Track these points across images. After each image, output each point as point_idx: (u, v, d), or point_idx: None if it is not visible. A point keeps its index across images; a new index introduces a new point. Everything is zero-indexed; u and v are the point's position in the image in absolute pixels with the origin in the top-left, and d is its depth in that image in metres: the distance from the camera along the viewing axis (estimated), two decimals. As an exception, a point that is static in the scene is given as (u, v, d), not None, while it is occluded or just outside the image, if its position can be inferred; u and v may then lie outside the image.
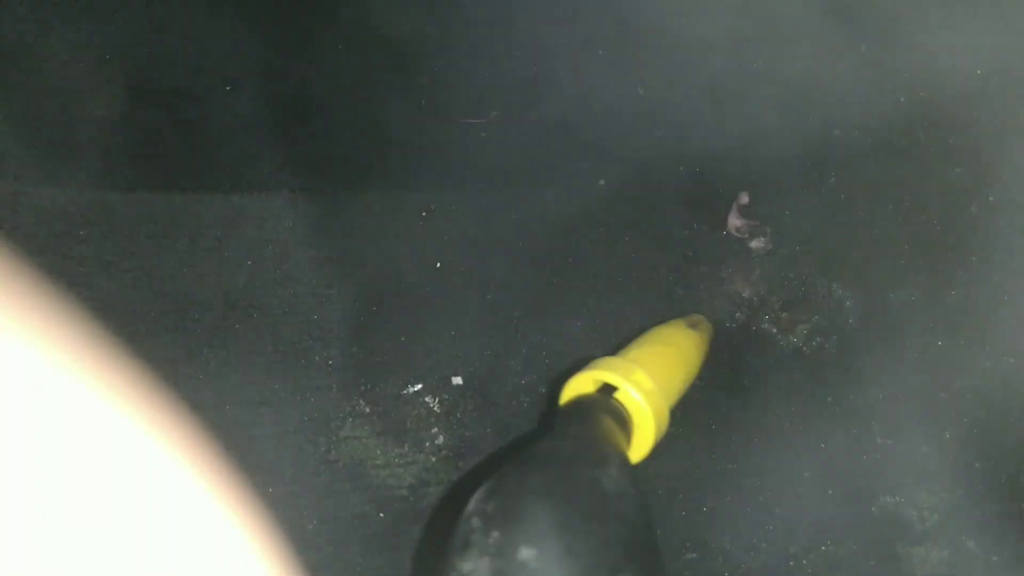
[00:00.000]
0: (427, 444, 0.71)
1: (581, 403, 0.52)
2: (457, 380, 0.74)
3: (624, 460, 0.44)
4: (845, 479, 0.71)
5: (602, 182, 0.95)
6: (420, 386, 0.73)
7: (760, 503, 0.70)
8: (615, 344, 0.78)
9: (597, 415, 0.49)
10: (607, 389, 0.54)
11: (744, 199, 0.88)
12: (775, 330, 0.81)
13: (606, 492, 0.38)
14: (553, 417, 0.54)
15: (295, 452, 0.68)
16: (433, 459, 0.70)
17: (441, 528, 0.67)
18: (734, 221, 0.87)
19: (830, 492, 0.70)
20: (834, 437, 0.73)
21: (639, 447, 0.53)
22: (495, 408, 0.73)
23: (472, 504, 0.36)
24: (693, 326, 0.69)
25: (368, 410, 0.71)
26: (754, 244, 0.86)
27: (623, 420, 0.52)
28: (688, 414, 0.75)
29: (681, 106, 0.99)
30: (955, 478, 0.67)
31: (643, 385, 0.53)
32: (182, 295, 0.75)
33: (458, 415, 0.72)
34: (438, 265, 0.81)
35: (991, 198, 0.62)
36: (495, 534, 0.34)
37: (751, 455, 0.73)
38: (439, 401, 0.73)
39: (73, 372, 0.20)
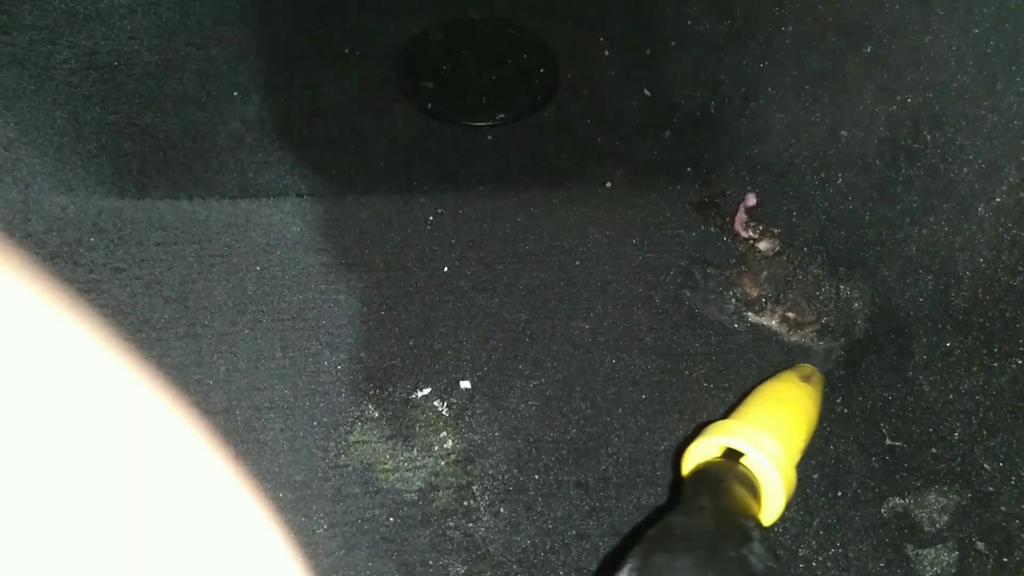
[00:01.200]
0: (436, 448, 0.71)
1: (709, 471, 0.52)
2: (465, 384, 0.74)
3: (765, 534, 0.44)
4: (854, 481, 0.71)
5: (609, 184, 0.95)
6: (428, 390, 0.74)
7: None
8: (626, 350, 0.78)
9: (728, 484, 0.49)
10: (731, 454, 0.53)
11: (751, 201, 0.88)
12: (783, 331, 0.81)
13: (754, 572, 0.38)
14: (682, 486, 0.53)
15: (305, 457, 0.68)
16: (442, 463, 0.70)
17: None
18: (741, 223, 0.87)
19: (839, 494, 0.70)
20: (842, 438, 0.73)
21: (769, 511, 0.53)
22: (503, 412, 0.73)
23: None
24: (806, 379, 0.69)
25: (377, 414, 0.72)
26: (762, 245, 0.86)
27: (753, 487, 0.51)
28: (697, 416, 0.75)
29: (688, 107, 1.00)
30: (964, 479, 0.67)
31: (769, 449, 0.53)
32: (192, 301, 0.75)
33: (466, 419, 0.73)
34: (445, 269, 0.82)
35: (997, 199, 0.62)
36: None
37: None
38: (447, 405, 0.73)
39: (83, 378, 0.21)
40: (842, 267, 0.81)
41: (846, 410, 0.75)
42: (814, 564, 0.67)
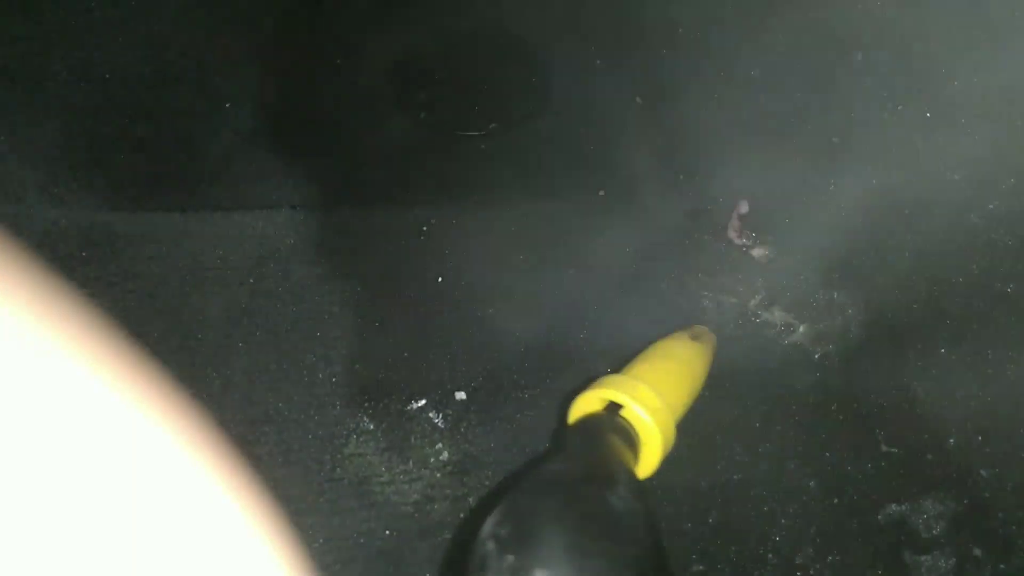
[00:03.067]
0: (431, 460, 0.71)
1: (588, 423, 0.53)
2: (460, 395, 0.74)
3: (632, 478, 0.45)
4: (850, 488, 0.71)
5: (602, 193, 0.95)
6: (424, 402, 0.74)
7: (766, 514, 0.70)
8: (620, 358, 0.78)
9: (604, 434, 0.50)
10: (614, 407, 0.54)
11: (744, 208, 0.88)
12: (778, 339, 0.81)
13: (615, 512, 0.39)
14: (563, 436, 0.54)
15: (300, 470, 0.68)
16: (438, 475, 0.70)
17: (453, 543, 0.67)
18: (735, 230, 0.88)
19: (836, 501, 0.70)
20: (839, 445, 0.73)
21: (647, 463, 0.54)
22: (499, 423, 0.73)
23: (487, 527, 0.37)
24: (696, 338, 0.69)
25: (372, 427, 0.72)
26: (755, 253, 0.86)
27: (630, 438, 0.52)
28: (691, 425, 0.75)
29: (680, 115, 1.00)
30: (961, 486, 0.67)
31: (649, 402, 0.53)
32: (186, 314, 0.75)
33: (462, 430, 0.73)
34: (439, 280, 0.82)
35: (991, 206, 0.62)
36: (509, 558, 0.35)
37: (756, 465, 0.73)
38: (443, 417, 0.73)
39: (77, 393, 0.21)
40: (836, 274, 0.81)
41: (842, 417, 0.75)
42: (812, 572, 0.67)
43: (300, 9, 1.06)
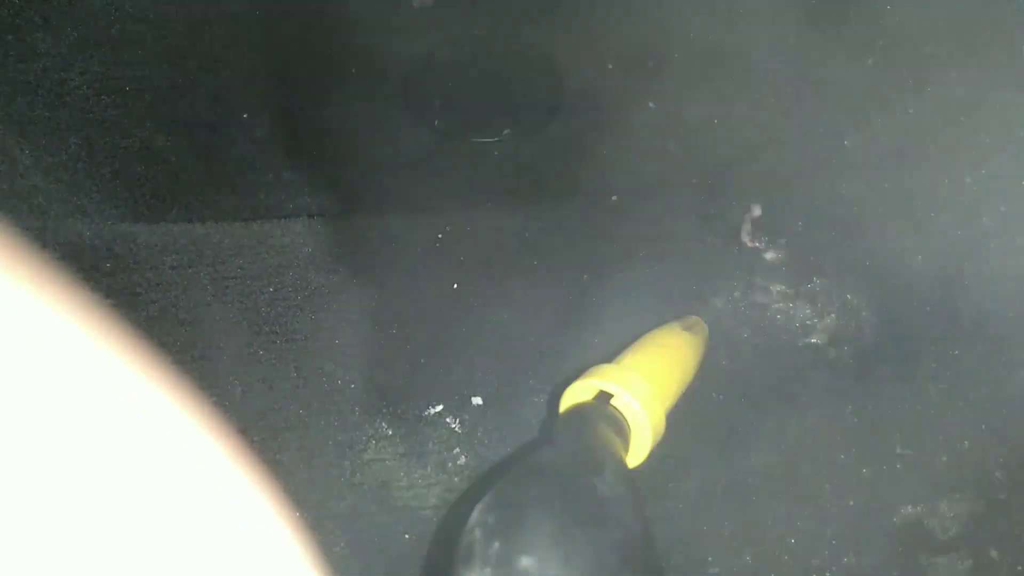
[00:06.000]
0: (449, 465, 0.72)
1: (578, 412, 0.54)
2: (477, 400, 0.75)
3: (620, 465, 0.45)
4: (866, 490, 0.71)
5: (615, 197, 0.96)
6: (441, 407, 0.75)
7: (781, 516, 0.71)
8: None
9: (594, 423, 0.51)
10: (604, 396, 0.55)
11: (757, 211, 0.88)
12: (792, 341, 0.81)
13: (602, 498, 0.39)
14: (553, 425, 0.55)
15: (321, 476, 0.69)
16: (456, 479, 0.71)
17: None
18: (747, 233, 0.88)
19: (851, 503, 0.71)
20: (853, 448, 0.74)
21: (637, 452, 0.55)
22: (516, 427, 0.74)
23: (474, 516, 0.38)
24: (688, 328, 0.70)
25: (391, 432, 0.73)
26: (768, 256, 0.87)
27: (620, 426, 0.53)
28: (705, 428, 0.75)
29: (692, 119, 1.00)
30: (976, 487, 0.67)
31: (638, 391, 0.54)
32: (207, 323, 0.76)
33: (479, 435, 0.73)
34: (455, 286, 0.83)
35: (1002, 208, 0.63)
36: (496, 545, 0.36)
37: (771, 468, 0.74)
38: (460, 422, 0.74)
39: (104, 402, 0.21)
40: (849, 276, 0.81)
41: (856, 419, 0.75)
42: (827, 574, 0.67)
43: (315, 19, 1.08)
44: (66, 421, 0.20)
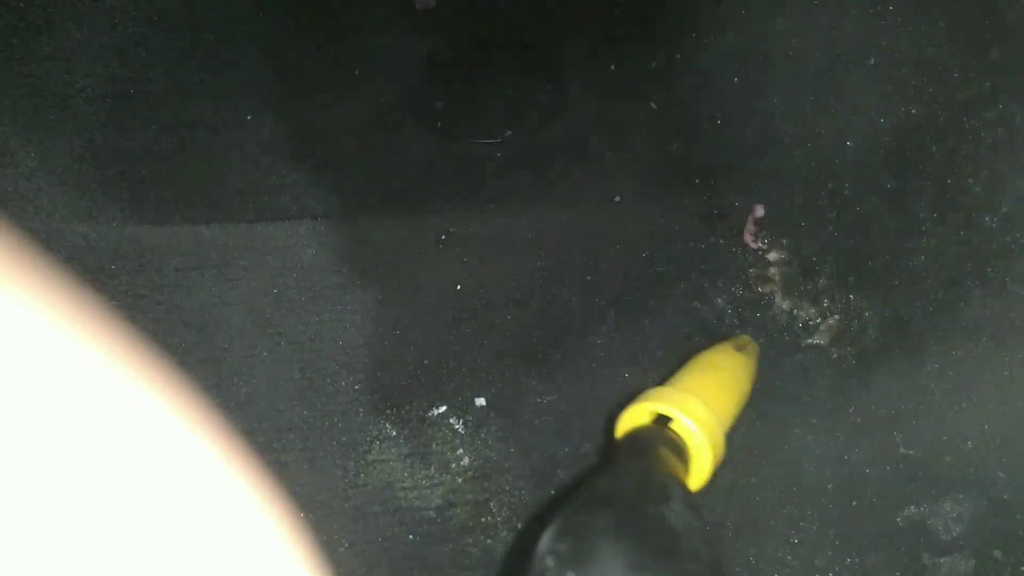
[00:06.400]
0: (453, 465, 0.72)
1: (638, 436, 0.53)
2: (480, 401, 0.75)
3: (686, 493, 0.45)
4: (869, 490, 0.71)
5: (618, 199, 0.96)
6: (444, 408, 0.75)
7: (785, 516, 0.71)
8: (639, 364, 0.78)
9: (655, 447, 0.50)
10: (662, 419, 0.54)
11: (759, 212, 0.89)
12: (795, 341, 0.81)
13: (673, 528, 0.39)
14: (612, 450, 0.54)
15: (325, 477, 0.69)
16: (459, 480, 0.71)
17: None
18: (750, 234, 0.88)
19: (854, 504, 0.71)
20: (857, 448, 0.74)
21: (697, 475, 0.54)
22: (518, 428, 0.74)
23: (544, 543, 0.37)
24: (740, 348, 0.69)
25: (394, 433, 0.73)
26: (771, 256, 0.87)
27: (680, 450, 0.52)
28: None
29: (694, 120, 1.00)
30: (979, 488, 0.67)
31: (698, 414, 0.53)
32: (211, 325, 0.77)
33: (482, 436, 0.74)
34: (458, 287, 0.83)
35: (1004, 209, 0.63)
36: (570, 574, 0.35)
37: (774, 468, 0.74)
38: (463, 422, 0.74)
39: (107, 404, 0.21)
40: (852, 276, 0.82)
41: (859, 419, 0.75)
42: (830, 574, 0.67)
43: (317, 22, 1.08)
44: (70, 424, 0.20)
